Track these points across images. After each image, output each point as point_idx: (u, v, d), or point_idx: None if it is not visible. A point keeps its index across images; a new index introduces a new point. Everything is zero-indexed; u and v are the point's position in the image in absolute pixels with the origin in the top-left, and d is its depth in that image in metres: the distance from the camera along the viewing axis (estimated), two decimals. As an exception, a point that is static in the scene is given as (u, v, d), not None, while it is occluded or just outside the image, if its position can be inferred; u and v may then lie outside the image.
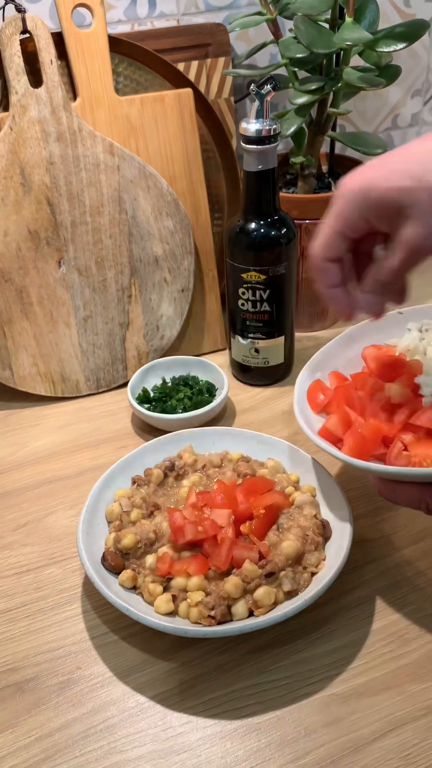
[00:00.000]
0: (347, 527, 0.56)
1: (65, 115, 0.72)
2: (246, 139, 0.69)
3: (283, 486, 0.61)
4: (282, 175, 0.90)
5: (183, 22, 0.84)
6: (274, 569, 0.54)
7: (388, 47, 0.73)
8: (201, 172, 0.81)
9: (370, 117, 0.99)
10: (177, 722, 0.49)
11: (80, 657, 0.53)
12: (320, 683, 0.51)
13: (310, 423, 0.57)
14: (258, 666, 0.52)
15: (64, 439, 0.75)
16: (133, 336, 0.81)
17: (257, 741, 0.48)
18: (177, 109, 0.78)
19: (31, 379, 0.79)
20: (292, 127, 0.76)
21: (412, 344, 0.63)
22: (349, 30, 0.71)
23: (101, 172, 0.75)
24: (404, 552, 0.60)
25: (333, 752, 0.47)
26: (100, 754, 0.47)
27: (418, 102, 1.01)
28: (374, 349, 0.63)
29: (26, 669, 0.53)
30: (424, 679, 0.50)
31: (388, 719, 0.48)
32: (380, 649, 0.53)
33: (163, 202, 0.78)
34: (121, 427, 0.77)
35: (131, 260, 0.78)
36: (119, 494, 0.62)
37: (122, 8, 0.81)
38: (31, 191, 0.73)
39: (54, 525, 0.65)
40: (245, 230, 0.73)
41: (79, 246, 0.76)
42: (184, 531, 0.56)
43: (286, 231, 0.73)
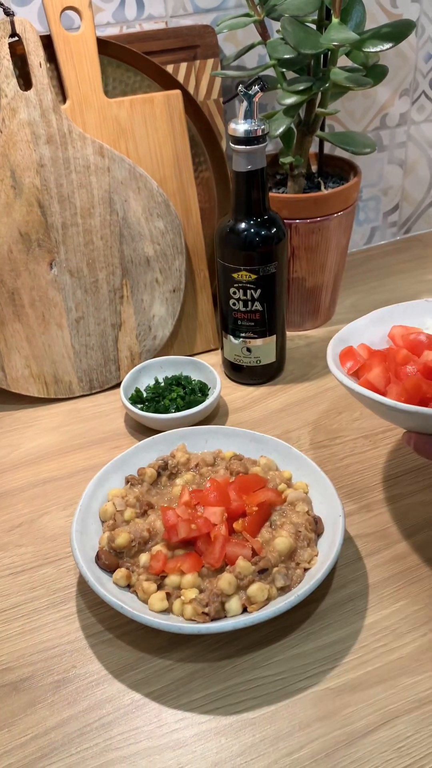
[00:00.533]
0: (339, 523, 0.56)
1: (55, 118, 0.73)
2: (235, 140, 0.69)
3: (276, 483, 0.62)
4: (272, 175, 0.90)
5: (171, 24, 0.85)
6: (267, 566, 0.54)
7: (375, 47, 0.73)
8: (191, 172, 0.81)
9: (358, 117, 0.99)
10: (172, 719, 0.49)
11: (75, 656, 0.54)
12: (314, 678, 0.51)
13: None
14: (252, 662, 0.52)
15: (58, 440, 0.76)
16: (125, 337, 0.82)
17: (252, 736, 0.48)
18: (166, 111, 0.78)
19: (24, 381, 0.79)
20: (281, 127, 0.76)
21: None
22: (336, 30, 0.71)
23: (92, 174, 0.75)
24: (396, 547, 0.61)
25: (327, 746, 0.47)
26: (95, 752, 0.48)
27: (406, 101, 1.02)
28: (402, 329, 0.64)
29: (21, 668, 0.53)
30: (417, 672, 0.51)
31: (382, 712, 0.49)
32: (373, 643, 0.53)
33: (154, 203, 0.78)
34: (115, 428, 0.77)
35: (122, 261, 0.79)
36: (113, 494, 0.62)
37: (111, 11, 0.82)
38: (22, 194, 0.73)
39: (48, 525, 0.65)
40: (235, 230, 0.73)
41: (70, 248, 0.76)
42: (178, 529, 0.56)
43: (276, 231, 0.74)
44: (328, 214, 0.82)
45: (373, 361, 0.59)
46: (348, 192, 0.83)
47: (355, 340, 0.63)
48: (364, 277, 1.03)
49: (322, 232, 0.83)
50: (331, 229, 0.83)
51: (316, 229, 0.83)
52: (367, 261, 1.08)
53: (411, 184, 1.10)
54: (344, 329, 0.64)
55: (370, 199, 1.08)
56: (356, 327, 0.64)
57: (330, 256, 0.86)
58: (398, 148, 1.05)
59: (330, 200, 0.82)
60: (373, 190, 1.08)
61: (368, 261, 1.08)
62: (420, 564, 0.59)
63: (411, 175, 1.09)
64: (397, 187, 1.09)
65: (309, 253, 0.85)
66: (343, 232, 0.86)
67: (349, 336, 0.63)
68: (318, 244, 0.84)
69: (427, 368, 0.57)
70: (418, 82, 1.01)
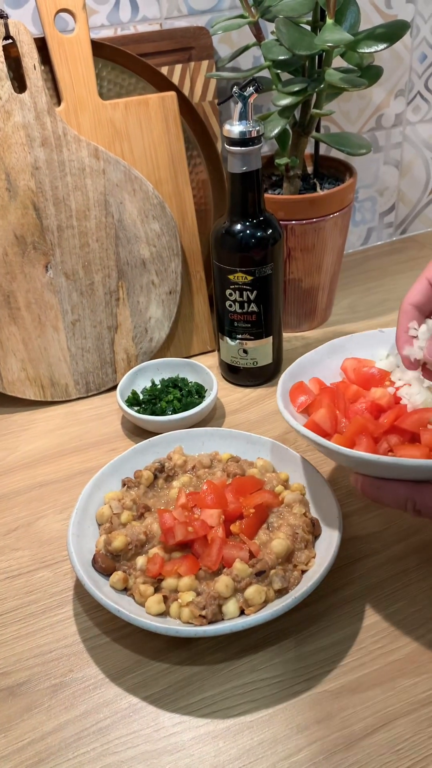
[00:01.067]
0: (336, 525, 0.56)
1: (50, 120, 0.72)
2: (230, 141, 0.69)
3: (273, 485, 0.62)
4: (267, 176, 0.90)
5: (166, 25, 0.85)
6: (265, 568, 0.54)
7: (369, 48, 0.73)
8: (186, 174, 0.81)
9: (354, 118, 0.99)
10: (169, 722, 0.49)
11: (72, 660, 0.53)
12: (312, 680, 0.51)
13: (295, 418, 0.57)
14: (250, 665, 0.52)
15: (54, 443, 0.75)
16: (121, 339, 0.82)
17: (250, 739, 0.48)
18: (161, 113, 0.78)
19: (20, 384, 0.79)
20: (276, 128, 0.76)
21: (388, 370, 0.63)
22: (330, 31, 0.71)
23: (87, 176, 0.75)
24: (394, 548, 0.60)
25: (325, 749, 0.47)
26: (93, 756, 0.47)
27: (402, 102, 1.02)
28: (354, 361, 0.63)
29: (18, 673, 0.53)
30: (415, 674, 0.51)
31: (380, 715, 0.49)
32: (371, 645, 0.53)
33: (149, 205, 0.78)
34: (111, 430, 0.77)
35: (118, 263, 0.79)
36: (109, 497, 0.62)
37: (105, 13, 0.82)
38: (17, 196, 0.73)
39: (45, 529, 0.65)
40: (231, 232, 0.73)
41: (65, 250, 0.76)
42: (175, 532, 0.56)
43: (271, 232, 0.74)
44: (323, 215, 0.82)
45: (323, 398, 0.59)
46: (344, 193, 0.83)
47: (309, 373, 0.62)
48: (361, 278, 1.03)
49: (318, 233, 0.83)
50: (327, 230, 0.83)
51: (311, 230, 0.83)
52: (364, 262, 1.08)
53: (407, 184, 1.10)
54: (296, 363, 0.63)
55: (366, 199, 1.08)
56: (309, 360, 0.63)
57: (326, 257, 0.86)
58: (394, 148, 1.06)
59: (326, 201, 0.82)
60: (369, 191, 1.08)
61: (365, 262, 1.08)
62: (417, 566, 0.59)
63: (407, 176, 1.09)
64: (393, 188, 1.09)
65: (305, 254, 0.85)
66: (339, 233, 0.86)
67: (300, 370, 0.62)
68: (314, 245, 0.84)
69: (374, 406, 0.57)
70: (414, 82, 1.01)
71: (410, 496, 0.48)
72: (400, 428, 0.55)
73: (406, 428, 0.54)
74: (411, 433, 0.54)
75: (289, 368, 0.62)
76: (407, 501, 0.48)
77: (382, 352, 0.64)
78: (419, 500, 0.47)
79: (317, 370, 0.63)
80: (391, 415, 0.56)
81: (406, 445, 0.53)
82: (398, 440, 0.54)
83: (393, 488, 0.48)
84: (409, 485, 0.48)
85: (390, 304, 0.96)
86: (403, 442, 0.54)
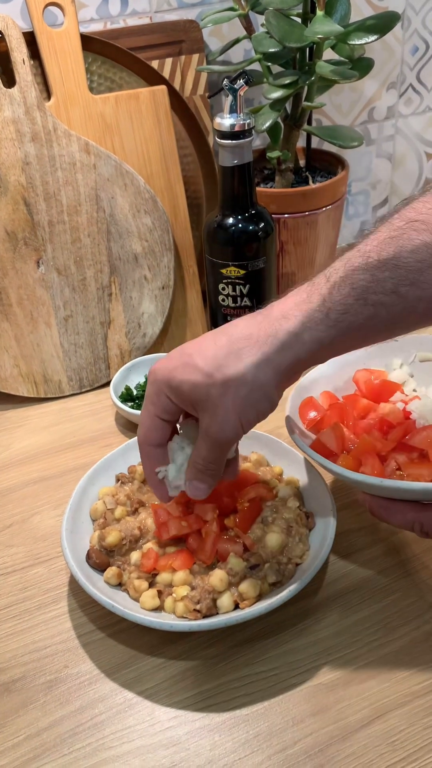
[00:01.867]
0: (330, 518, 0.56)
1: (39, 115, 0.72)
2: (221, 135, 0.69)
3: (267, 479, 0.62)
4: (259, 170, 0.90)
5: (156, 19, 0.84)
6: (259, 562, 0.54)
7: (360, 40, 0.73)
8: (178, 168, 0.81)
9: (345, 110, 0.99)
10: (165, 717, 0.49)
11: (67, 655, 0.53)
12: (307, 673, 0.51)
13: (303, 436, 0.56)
14: (245, 658, 0.52)
15: (48, 440, 0.75)
16: (114, 334, 0.81)
17: (245, 732, 0.48)
18: (152, 107, 0.78)
19: (13, 381, 0.79)
20: (268, 121, 0.76)
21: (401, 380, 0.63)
22: (320, 23, 0.71)
23: (77, 171, 0.75)
24: (388, 541, 0.60)
25: (321, 741, 0.47)
26: (88, 751, 0.47)
27: (394, 95, 1.02)
28: (366, 373, 0.63)
29: (13, 669, 0.53)
30: (410, 666, 0.51)
31: (375, 706, 0.49)
32: (366, 637, 0.53)
33: (141, 200, 0.78)
34: (105, 426, 0.77)
35: (110, 258, 0.78)
36: (103, 492, 0.62)
37: (94, 7, 0.81)
38: (8, 192, 0.73)
39: (39, 525, 0.65)
40: (223, 225, 0.73)
41: (57, 245, 0.76)
42: (169, 526, 0.56)
43: (263, 225, 0.73)
44: (316, 209, 0.82)
45: (332, 414, 0.58)
46: (336, 186, 0.83)
47: (320, 386, 0.62)
48: (354, 272, 1.03)
49: (310, 227, 0.83)
50: (319, 223, 0.83)
51: (304, 223, 0.82)
52: (357, 255, 1.08)
53: (400, 177, 1.10)
54: (307, 375, 0.62)
55: (359, 193, 1.08)
56: (320, 372, 0.63)
57: (319, 250, 0.86)
58: (386, 141, 1.05)
59: (318, 194, 0.82)
60: (362, 184, 1.08)
61: (358, 255, 1.08)
62: (411, 557, 0.59)
63: (399, 169, 1.09)
64: (385, 181, 1.09)
65: (298, 248, 0.84)
66: (332, 227, 0.86)
67: (315, 380, 0.62)
68: (307, 239, 0.84)
69: (383, 422, 0.57)
70: (405, 75, 1.01)
71: (417, 518, 0.48)
72: (409, 445, 0.54)
73: (414, 446, 0.54)
74: (419, 450, 0.54)
75: (299, 382, 0.61)
76: (414, 523, 0.48)
77: (396, 362, 0.64)
78: (426, 522, 0.47)
79: (329, 382, 0.63)
80: (399, 432, 0.55)
81: (415, 462, 0.53)
82: (406, 458, 0.53)
83: (400, 510, 0.48)
84: (417, 507, 0.48)
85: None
86: (412, 459, 0.53)
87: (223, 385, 0.46)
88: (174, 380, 0.47)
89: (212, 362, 0.46)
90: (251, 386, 0.46)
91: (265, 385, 0.46)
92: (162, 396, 0.49)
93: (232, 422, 0.47)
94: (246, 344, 0.46)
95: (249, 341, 0.46)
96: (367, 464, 0.53)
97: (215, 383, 0.46)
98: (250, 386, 0.46)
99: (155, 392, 0.49)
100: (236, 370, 0.45)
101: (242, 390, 0.46)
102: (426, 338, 0.65)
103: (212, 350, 0.47)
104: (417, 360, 0.64)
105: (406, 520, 0.48)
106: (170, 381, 0.48)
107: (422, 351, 0.64)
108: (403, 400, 0.60)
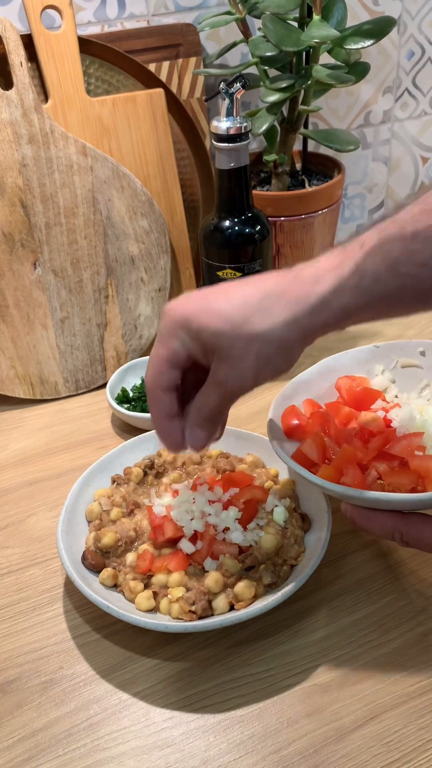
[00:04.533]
0: (326, 520, 0.56)
1: (37, 117, 0.72)
2: (217, 138, 0.69)
3: (263, 480, 0.62)
4: (256, 173, 0.90)
5: (153, 22, 0.84)
6: (254, 563, 0.54)
7: (356, 44, 0.73)
8: (175, 171, 0.81)
9: (342, 114, 1.00)
10: (160, 718, 0.49)
11: (63, 656, 0.53)
12: (302, 674, 0.51)
13: (283, 447, 0.56)
14: (240, 659, 0.52)
15: (44, 441, 0.75)
16: (111, 336, 0.81)
17: (240, 733, 0.48)
18: (149, 110, 0.78)
19: (9, 382, 0.79)
20: (264, 125, 0.76)
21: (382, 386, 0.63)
22: (317, 28, 0.71)
23: (74, 173, 0.75)
24: (382, 543, 0.61)
25: (315, 742, 0.47)
26: (83, 752, 0.47)
27: (390, 99, 1.02)
28: (348, 380, 0.63)
29: (8, 670, 0.53)
30: (405, 667, 0.51)
31: (370, 707, 0.49)
32: (361, 639, 0.53)
33: (138, 202, 0.78)
34: (101, 428, 0.77)
35: (107, 260, 0.79)
36: (99, 494, 0.62)
37: (92, 10, 0.81)
38: (5, 194, 0.73)
39: (35, 526, 0.65)
40: (219, 228, 0.73)
41: (54, 247, 0.76)
42: (164, 528, 0.56)
43: (260, 228, 0.74)
44: (312, 212, 0.82)
45: (313, 423, 0.58)
46: (332, 189, 0.83)
47: (302, 393, 0.62)
48: (350, 275, 1.03)
49: (306, 230, 0.83)
50: (315, 226, 0.84)
51: (300, 226, 0.83)
52: (353, 258, 1.08)
53: (396, 181, 1.10)
54: (290, 383, 0.62)
55: (355, 196, 1.09)
56: (303, 380, 0.63)
57: (315, 253, 0.86)
58: (382, 145, 1.06)
59: (314, 197, 0.82)
60: (358, 188, 1.08)
61: (354, 258, 1.08)
62: (407, 559, 0.59)
63: (395, 172, 1.10)
64: (382, 185, 1.10)
65: (294, 251, 0.85)
66: (328, 230, 0.86)
67: (297, 388, 0.62)
68: (303, 242, 0.84)
69: (364, 430, 0.57)
70: (401, 79, 1.01)
71: (397, 527, 0.48)
72: (389, 454, 0.54)
73: (395, 454, 0.54)
74: (400, 458, 0.54)
75: (283, 390, 0.61)
76: (394, 532, 0.48)
77: (378, 368, 0.64)
78: (405, 531, 0.47)
79: (312, 389, 0.63)
80: (379, 440, 0.55)
81: (396, 471, 0.53)
82: (387, 467, 0.53)
83: (381, 519, 0.48)
84: (397, 516, 0.48)
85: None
86: (393, 468, 0.53)
87: (249, 339, 0.44)
88: (193, 323, 0.46)
89: (240, 313, 0.45)
90: (277, 345, 0.45)
91: (289, 346, 0.46)
92: (175, 339, 0.47)
93: (250, 376, 0.46)
94: (276, 302, 0.45)
95: (280, 300, 0.45)
96: (348, 474, 0.53)
97: (242, 336, 0.44)
98: (276, 345, 0.45)
99: (168, 333, 0.47)
100: (265, 326, 0.44)
101: (267, 347, 0.45)
102: (407, 344, 0.65)
103: (240, 300, 0.45)
104: (399, 366, 0.64)
105: (386, 529, 0.48)
106: (189, 323, 0.46)
107: (404, 357, 0.65)
108: (384, 408, 0.60)
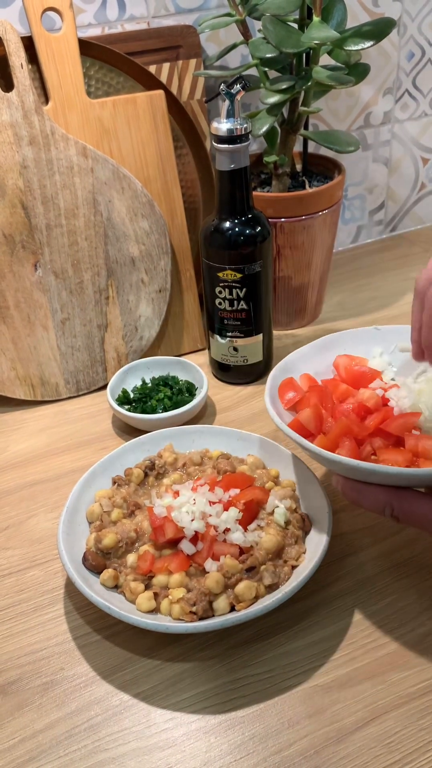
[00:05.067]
0: (326, 521, 0.56)
1: (37, 119, 0.72)
2: (217, 139, 0.69)
3: (263, 481, 0.62)
4: (256, 174, 0.90)
5: (153, 24, 0.85)
6: (255, 564, 0.54)
7: (356, 45, 0.73)
8: (175, 172, 0.81)
9: (342, 115, 1.00)
10: (161, 719, 0.49)
11: (63, 658, 0.53)
12: (302, 675, 0.51)
13: (281, 416, 0.57)
14: (241, 660, 0.52)
15: (45, 443, 0.75)
16: (111, 338, 0.81)
17: (241, 734, 0.48)
18: (149, 111, 0.78)
19: (10, 384, 0.79)
20: (264, 126, 0.76)
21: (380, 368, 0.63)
22: (317, 29, 0.71)
23: (75, 174, 0.75)
24: (383, 543, 0.61)
25: (316, 743, 0.47)
26: (84, 753, 0.47)
27: (390, 100, 1.02)
28: (346, 359, 0.63)
29: (9, 671, 0.53)
30: (405, 668, 0.51)
31: (370, 708, 0.49)
32: (361, 639, 0.53)
33: (138, 204, 0.78)
34: (102, 429, 0.77)
35: (108, 262, 0.79)
36: (100, 495, 0.62)
37: (92, 12, 0.81)
38: (5, 195, 0.73)
39: (35, 528, 0.65)
40: (220, 229, 0.73)
41: (54, 249, 0.76)
42: (165, 529, 0.56)
43: (260, 229, 0.74)
44: (312, 213, 0.82)
45: (311, 396, 0.58)
46: (332, 190, 0.83)
47: (300, 368, 0.62)
48: (351, 276, 1.04)
49: (307, 231, 0.83)
50: (316, 227, 0.84)
51: (300, 227, 0.83)
52: (354, 259, 1.09)
53: (396, 182, 1.10)
54: (288, 357, 0.62)
55: (356, 197, 1.09)
56: (301, 354, 0.63)
57: (315, 254, 0.86)
58: (382, 146, 1.06)
59: (314, 199, 0.82)
60: (359, 189, 1.08)
61: (355, 259, 1.09)
62: (407, 560, 0.59)
63: (396, 174, 1.10)
64: (382, 186, 1.10)
65: (294, 252, 0.85)
66: (329, 231, 0.86)
67: (295, 362, 0.62)
68: (303, 243, 0.84)
69: (361, 407, 0.57)
70: (401, 80, 1.02)
71: (389, 501, 0.48)
72: (385, 431, 0.54)
73: (391, 432, 0.54)
74: (396, 436, 0.54)
75: (280, 363, 0.62)
76: (386, 506, 0.48)
77: (376, 350, 0.64)
78: (397, 506, 0.47)
79: (310, 365, 0.63)
80: (377, 417, 0.55)
81: (390, 449, 0.53)
82: (382, 443, 0.53)
83: (373, 493, 0.48)
84: (389, 491, 0.48)
85: (380, 302, 0.96)
86: (388, 445, 0.53)
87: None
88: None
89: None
90: None
91: None
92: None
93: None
94: None
95: None
96: (343, 446, 0.53)
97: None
98: None
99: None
100: None
101: None
102: (407, 329, 0.65)
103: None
104: (397, 350, 0.64)
105: (377, 503, 0.48)
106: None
107: (402, 341, 0.65)
108: (382, 387, 0.60)
